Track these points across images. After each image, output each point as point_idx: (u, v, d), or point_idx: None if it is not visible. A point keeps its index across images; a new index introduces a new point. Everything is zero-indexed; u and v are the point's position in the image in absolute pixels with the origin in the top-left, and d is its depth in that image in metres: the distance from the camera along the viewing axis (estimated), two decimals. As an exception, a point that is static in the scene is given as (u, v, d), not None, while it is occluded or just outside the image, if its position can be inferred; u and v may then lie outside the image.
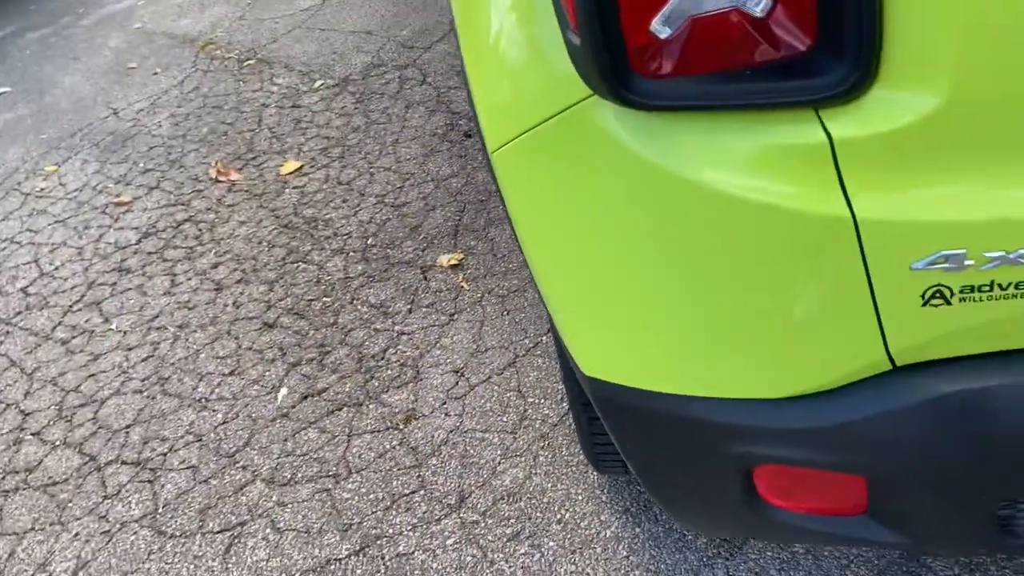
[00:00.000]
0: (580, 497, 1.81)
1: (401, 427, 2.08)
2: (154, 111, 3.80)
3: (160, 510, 2.04)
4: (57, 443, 2.29)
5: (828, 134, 0.81)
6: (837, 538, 1.10)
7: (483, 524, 1.81)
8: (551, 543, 1.74)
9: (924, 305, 0.86)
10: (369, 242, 2.69)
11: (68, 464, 2.23)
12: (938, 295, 0.85)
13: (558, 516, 1.79)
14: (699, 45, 0.81)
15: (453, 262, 2.52)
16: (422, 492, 1.91)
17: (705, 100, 0.84)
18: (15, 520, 2.11)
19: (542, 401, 2.04)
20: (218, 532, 1.95)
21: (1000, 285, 0.83)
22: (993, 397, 0.89)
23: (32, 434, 2.35)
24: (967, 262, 0.82)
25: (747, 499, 1.09)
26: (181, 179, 3.26)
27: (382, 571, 1.78)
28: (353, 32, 4.02)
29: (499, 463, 1.92)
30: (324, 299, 2.52)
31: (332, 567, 1.81)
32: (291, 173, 3.12)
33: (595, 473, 1.84)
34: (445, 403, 2.10)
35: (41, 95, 4.23)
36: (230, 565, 1.87)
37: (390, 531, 1.85)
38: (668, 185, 0.89)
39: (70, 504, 2.12)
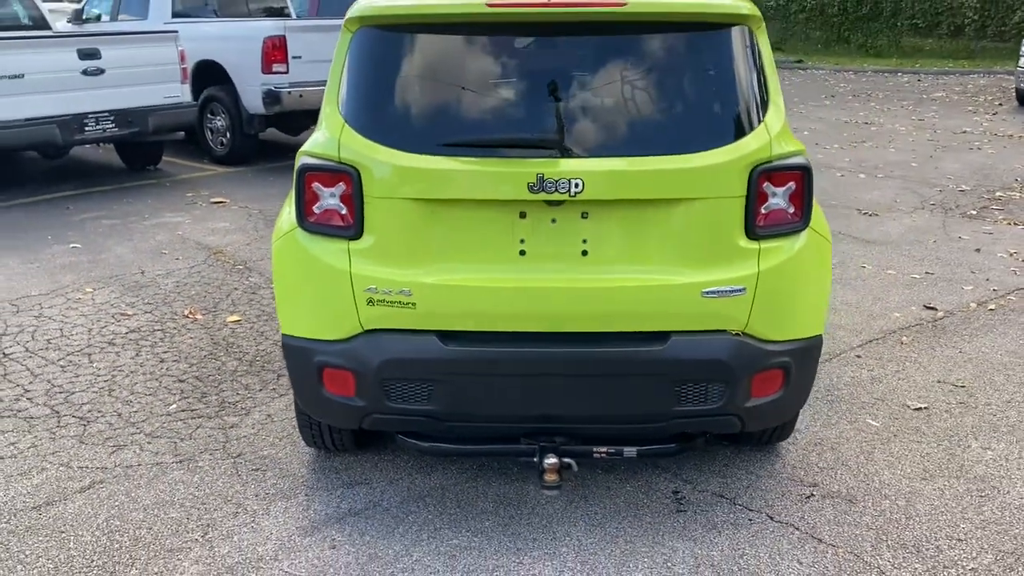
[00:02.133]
0: (289, 455, 3.50)
1: (227, 429, 3.79)
2: (167, 277, 5.83)
3: (84, 436, 3.72)
4: (39, 403, 4.01)
5: (349, 248, 2.74)
6: (349, 409, 2.85)
7: (244, 460, 3.48)
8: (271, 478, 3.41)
9: (368, 305, 2.73)
10: (258, 357, 4.53)
11: (42, 412, 3.93)
12: (371, 302, 2.72)
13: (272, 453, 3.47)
14: (325, 216, 2.78)
15: (297, 374, 4.33)
16: (222, 451, 3.60)
17: (320, 233, 2.79)
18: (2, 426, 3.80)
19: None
20: (112, 446, 3.62)
21: (388, 301, 2.71)
22: (388, 343, 2.73)
23: (27, 399, 4.07)
24: (376, 290, 2.70)
25: (322, 390, 2.86)
26: (167, 312, 5.19)
27: (196, 452, 3.43)
28: (312, 266, 6.13)
29: (269, 448, 3.62)
30: (218, 376, 4.32)
31: (158, 465, 3.47)
32: (232, 321, 5.04)
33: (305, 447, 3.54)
34: (255, 424, 3.83)
35: (98, 253, 6.33)
36: (111, 451, 3.53)
37: (200, 458, 3.52)
38: (308, 256, 2.80)
39: (37, 424, 3.80)
